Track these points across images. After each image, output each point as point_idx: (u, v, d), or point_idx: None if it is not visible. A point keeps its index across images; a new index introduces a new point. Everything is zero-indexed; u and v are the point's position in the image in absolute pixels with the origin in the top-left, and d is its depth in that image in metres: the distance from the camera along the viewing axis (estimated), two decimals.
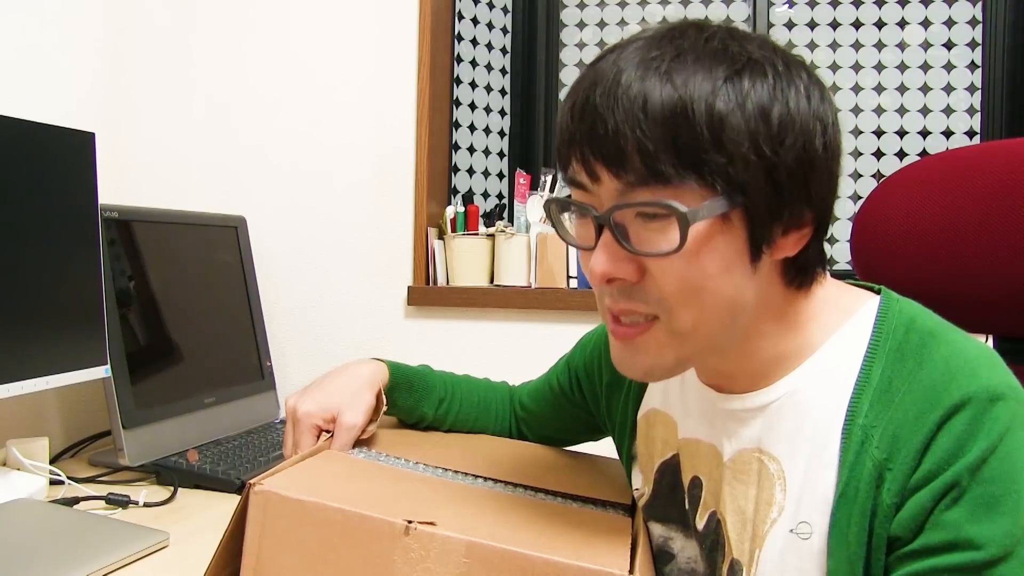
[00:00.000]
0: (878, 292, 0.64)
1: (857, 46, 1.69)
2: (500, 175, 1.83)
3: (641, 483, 0.77)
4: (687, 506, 0.71)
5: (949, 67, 1.64)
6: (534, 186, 1.61)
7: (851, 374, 0.60)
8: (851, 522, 0.57)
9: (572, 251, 1.52)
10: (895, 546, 0.56)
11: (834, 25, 1.70)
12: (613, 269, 0.57)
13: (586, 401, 0.90)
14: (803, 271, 0.61)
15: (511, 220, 1.67)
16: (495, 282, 1.57)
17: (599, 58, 0.58)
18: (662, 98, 0.53)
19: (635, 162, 0.54)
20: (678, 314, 0.57)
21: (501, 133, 1.82)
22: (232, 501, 1.01)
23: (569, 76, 1.85)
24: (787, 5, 1.72)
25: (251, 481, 0.59)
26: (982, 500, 0.53)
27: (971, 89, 1.63)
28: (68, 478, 1.11)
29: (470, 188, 1.75)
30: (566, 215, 0.64)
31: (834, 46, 1.70)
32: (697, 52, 0.55)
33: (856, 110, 1.68)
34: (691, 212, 0.53)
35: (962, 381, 0.55)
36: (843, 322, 0.62)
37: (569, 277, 1.51)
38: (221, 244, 1.48)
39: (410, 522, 0.56)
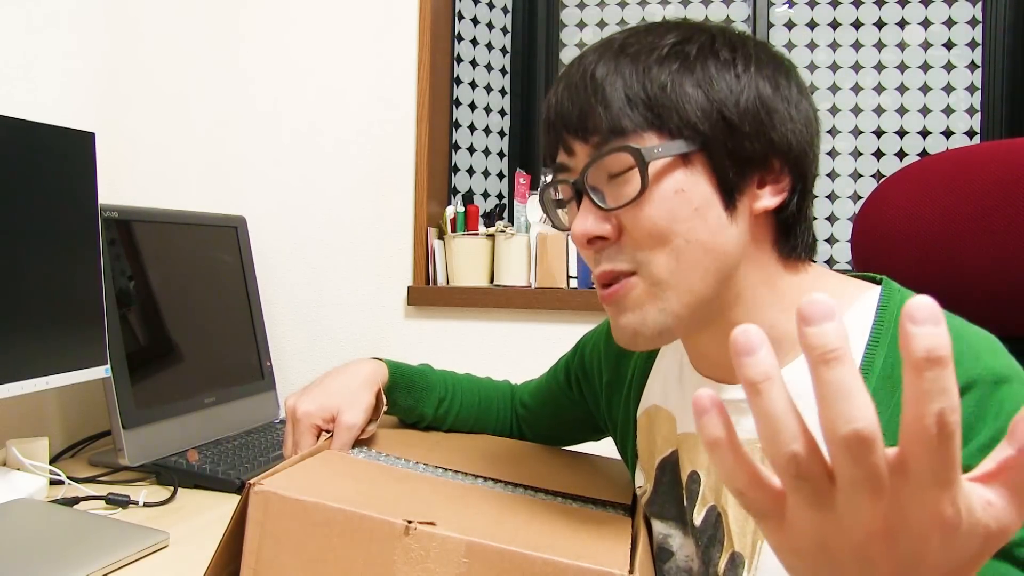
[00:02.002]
0: (879, 283, 0.64)
1: (857, 46, 1.69)
2: (500, 175, 1.83)
3: (643, 481, 0.77)
4: (685, 502, 0.71)
5: (949, 67, 1.64)
6: (534, 186, 1.61)
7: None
8: None
9: (572, 251, 1.52)
10: None
11: (834, 25, 1.70)
12: (592, 227, 0.60)
13: (585, 401, 0.90)
14: (790, 231, 0.63)
15: (511, 220, 1.67)
16: (495, 282, 1.57)
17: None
18: (616, 65, 0.59)
19: (597, 123, 0.59)
20: (653, 262, 0.59)
21: (501, 133, 1.82)
22: (232, 501, 1.01)
23: None
24: (787, 5, 1.72)
25: (251, 481, 0.59)
26: None
27: (971, 89, 1.63)
28: (68, 478, 1.11)
29: (470, 188, 1.75)
30: (560, 211, 0.69)
31: (834, 46, 1.70)
32: (650, 28, 0.62)
33: (856, 110, 1.68)
34: (646, 150, 0.57)
35: (967, 364, 0.55)
36: (844, 311, 0.62)
37: (569, 277, 1.51)
38: (221, 244, 1.48)
39: (410, 522, 0.56)
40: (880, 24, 1.67)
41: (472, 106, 1.75)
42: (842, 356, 0.30)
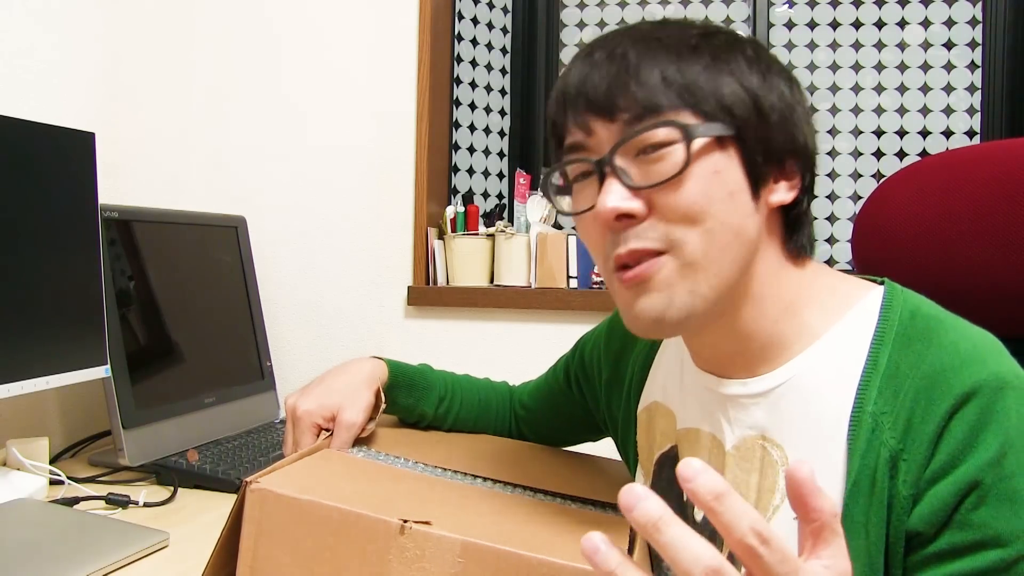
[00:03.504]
0: (881, 283, 0.65)
1: (857, 46, 1.68)
2: (500, 175, 1.83)
3: (643, 478, 0.77)
4: (685, 498, 0.70)
5: (949, 67, 1.64)
6: (534, 186, 1.61)
7: (857, 361, 0.60)
8: (870, 512, 0.56)
9: (572, 251, 1.51)
10: (916, 542, 0.55)
11: (834, 25, 1.70)
12: (623, 204, 0.58)
13: (585, 400, 0.90)
14: (798, 228, 0.64)
15: (511, 220, 1.67)
16: (495, 282, 1.57)
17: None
18: (649, 49, 0.58)
19: (629, 101, 0.58)
20: (687, 241, 0.58)
21: (501, 133, 1.82)
22: (232, 501, 1.01)
23: None
24: (787, 5, 1.72)
25: (247, 479, 0.59)
26: (1006, 495, 0.53)
27: (971, 89, 1.63)
28: (68, 478, 1.11)
29: (470, 188, 1.75)
30: (562, 197, 0.67)
31: (834, 46, 1.69)
32: (675, 22, 0.62)
33: (856, 110, 1.68)
34: (692, 127, 0.57)
35: (972, 368, 0.56)
36: (846, 311, 0.63)
37: (569, 277, 1.51)
38: (221, 244, 1.48)
39: (405, 521, 0.56)
40: (880, 24, 1.67)
41: (472, 106, 1.75)
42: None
